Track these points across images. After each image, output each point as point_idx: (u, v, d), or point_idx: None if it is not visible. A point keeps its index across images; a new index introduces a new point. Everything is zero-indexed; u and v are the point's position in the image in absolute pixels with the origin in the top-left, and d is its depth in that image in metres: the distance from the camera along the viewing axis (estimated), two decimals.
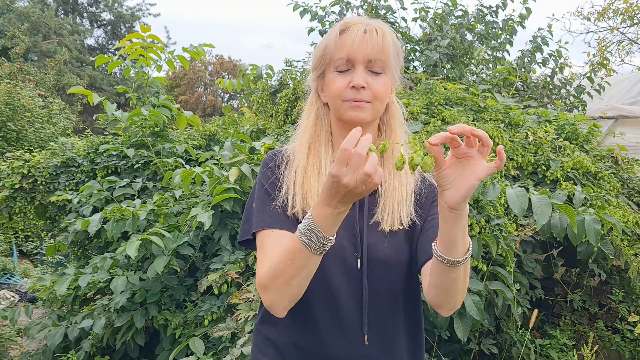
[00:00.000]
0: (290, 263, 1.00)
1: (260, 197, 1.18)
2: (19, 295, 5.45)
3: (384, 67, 1.12)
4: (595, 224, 2.19)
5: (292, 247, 0.99)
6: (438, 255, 0.98)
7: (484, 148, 0.87)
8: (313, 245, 0.96)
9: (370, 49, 1.10)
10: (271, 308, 1.07)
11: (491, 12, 4.75)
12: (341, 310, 1.13)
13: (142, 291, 2.68)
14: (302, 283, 1.03)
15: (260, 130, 4.26)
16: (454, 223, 0.93)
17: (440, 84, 3.46)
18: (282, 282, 1.02)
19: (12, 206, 3.89)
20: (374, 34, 1.10)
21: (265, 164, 1.22)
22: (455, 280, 1.01)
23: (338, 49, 1.12)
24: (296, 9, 4.80)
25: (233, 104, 24.74)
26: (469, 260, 1.00)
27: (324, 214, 0.94)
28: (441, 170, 0.89)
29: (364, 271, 1.13)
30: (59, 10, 20.54)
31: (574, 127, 3.37)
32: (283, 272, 1.01)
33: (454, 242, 0.96)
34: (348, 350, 1.13)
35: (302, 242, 0.96)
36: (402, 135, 1.22)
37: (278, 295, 1.04)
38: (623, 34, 13.03)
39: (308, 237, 0.96)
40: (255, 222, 1.15)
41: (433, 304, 1.09)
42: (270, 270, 1.04)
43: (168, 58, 3.99)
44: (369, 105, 1.11)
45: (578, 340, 2.93)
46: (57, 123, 9.36)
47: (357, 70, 1.11)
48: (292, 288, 1.03)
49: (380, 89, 1.12)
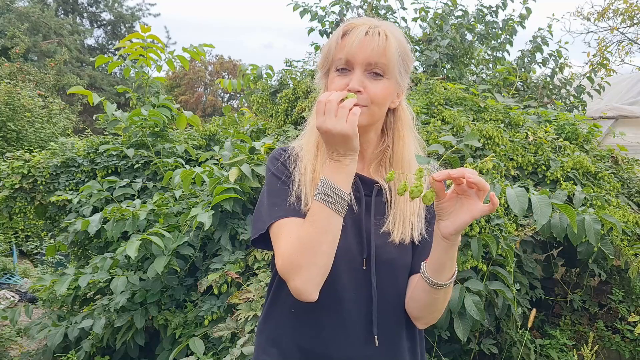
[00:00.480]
0: (314, 229, 1.02)
1: (274, 191, 1.16)
2: (19, 295, 5.45)
3: (385, 70, 1.10)
4: (595, 224, 2.19)
5: (312, 210, 1.04)
6: (424, 275, 1.06)
7: (480, 192, 0.94)
8: (330, 199, 1.01)
9: (370, 51, 1.08)
10: (303, 290, 1.03)
11: (491, 12, 4.75)
12: (346, 311, 1.12)
13: (142, 291, 2.68)
14: (329, 250, 1.03)
15: (260, 130, 4.26)
16: (444, 251, 1.01)
17: (440, 84, 3.46)
18: (310, 251, 1.02)
19: (12, 206, 3.89)
20: (376, 37, 1.09)
21: (274, 159, 1.21)
22: (436, 300, 1.09)
23: (339, 50, 1.12)
24: (296, 9, 4.80)
25: (233, 104, 24.75)
26: (452, 284, 1.08)
27: (332, 168, 1.03)
28: (441, 202, 0.97)
29: (372, 272, 1.12)
30: (59, 10, 20.54)
31: (574, 127, 3.37)
32: (309, 241, 1.02)
33: (442, 267, 1.03)
34: (351, 351, 1.13)
35: (320, 200, 1.02)
36: (413, 141, 1.22)
37: (308, 270, 1.02)
38: (623, 34, 13.03)
39: (324, 192, 1.02)
40: (270, 216, 1.13)
41: (411, 315, 1.16)
42: (294, 246, 1.04)
43: (168, 58, 3.99)
44: (365, 109, 1.09)
45: (578, 340, 2.93)
46: (57, 123, 9.36)
47: (354, 73, 1.10)
48: (320, 257, 1.02)
49: (378, 92, 1.10)
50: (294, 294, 1.04)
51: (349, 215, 1.12)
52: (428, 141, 2.59)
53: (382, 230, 1.14)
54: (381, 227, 1.14)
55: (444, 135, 2.62)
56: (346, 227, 1.10)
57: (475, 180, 0.92)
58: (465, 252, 2.22)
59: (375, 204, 1.17)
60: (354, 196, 1.14)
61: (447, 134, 2.72)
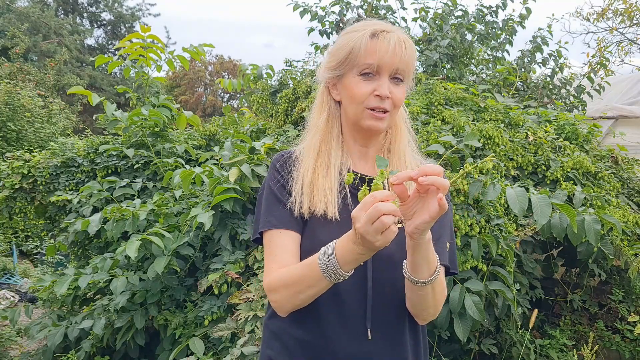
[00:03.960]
0: (303, 279, 1.07)
1: (267, 198, 1.22)
2: (19, 295, 5.45)
3: (404, 76, 1.16)
4: (595, 224, 2.19)
5: (309, 264, 1.06)
6: (405, 272, 1.08)
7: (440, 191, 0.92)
8: (327, 272, 1.01)
9: (399, 59, 1.12)
10: (276, 308, 1.15)
11: (491, 12, 4.75)
12: (345, 305, 1.14)
13: (142, 291, 2.68)
14: (308, 299, 1.10)
15: (260, 130, 4.26)
16: (413, 250, 1.02)
17: (440, 84, 3.46)
18: (292, 292, 1.09)
19: (12, 206, 3.89)
20: (403, 45, 1.13)
21: (272, 164, 1.26)
22: (423, 297, 1.10)
23: (369, 54, 1.12)
24: (296, 9, 4.80)
25: (233, 104, 24.74)
26: (436, 281, 1.07)
27: (347, 247, 0.98)
28: (405, 202, 0.97)
29: (368, 266, 1.14)
30: (59, 10, 20.54)
31: (574, 127, 3.37)
32: (294, 284, 1.08)
33: (417, 265, 1.04)
34: (351, 346, 1.14)
35: (319, 265, 1.02)
36: (406, 135, 1.26)
37: (284, 301, 1.12)
38: (622, 34, 13.03)
39: (325, 263, 1.01)
40: (262, 223, 1.20)
41: (410, 312, 1.18)
42: (282, 278, 1.11)
43: (168, 58, 3.99)
44: (388, 115, 1.16)
45: (578, 340, 2.93)
46: (57, 123, 9.35)
47: (382, 79, 1.13)
48: (298, 300, 1.10)
49: (401, 97, 1.16)
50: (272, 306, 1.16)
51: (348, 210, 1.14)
52: (428, 141, 2.59)
53: None
54: None
55: (443, 135, 2.62)
56: (345, 222, 1.12)
57: (430, 180, 0.90)
58: (465, 252, 2.22)
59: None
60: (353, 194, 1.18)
61: (447, 134, 2.72)
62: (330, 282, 1.04)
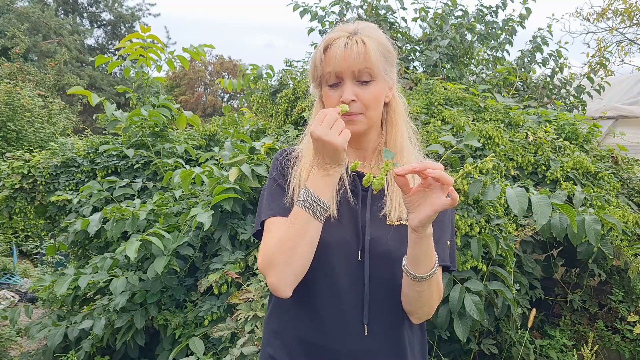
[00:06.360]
0: (292, 229, 1.08)
1: (270, 189, 1.24)
2: (19, 295, 5.45)
3: (372, 74, 1.16)
4: (595, 224, 2.19)
5: (293, 214, 1.10)
6: (404, 267, 1.10)
7: (444, 186, 0.96)
8: (309, 206, 1.07)
9: (353, 60, 1.13)
10: (277, 287, 1.09)
11: (491, 12, 4.75)
12: (343, 303, 1.15)
13: (142, 291, 2.68)
14: (305, 252, 1.08)
15: (260, 130, 4.26)
16: (415, 243, 1.04)
17: (440, 84, 3.46)
18: (287, 252, 1.08)
19: (12, 206, 3.89)
20: (354, 46, 1.13)
21: (275, 158, 1.29)
22: (420, 294, 1.11)
23: (325, 65, 1.17)
24: (296, 9, 4.80)
25: (233, 104, 24.74)
26: (434, 277, 1.09)
27: (315, 177, 1.09)
28: (408, 195, 1.00)
29: (365, 263, 1.15)
30: (59, 10, 20.54)
31: (574, 127, 3.37)
32: (286, 240, 1.08)
33: (417, 259, 1.06)
34: (350, 343, 1.14)
35: (300, 206, 1.08)
36: (404, 129, 1.26)
37: (282, 268, 1.08)
38: (622, 34, 13.03)
39: (305, 199, 1.08)
40: (264, 212, 1.21)
41: (405, 309, 1.18)
42: (275, 243, 1.11)
43: (168, 58, 3.99)
44: (362, 116, 1.17)
45: (578, 340, 2.93)
46: (57, 123, 9.35)
47: (345, 84, 1.15)
48: (295, 258, 1.08)
49: (370, 97, 1.16)
50: (271, 290, 1.11)
51: (347, 208, 1.18)
52: (428, 141, 2.59)
53: (380, 214, 1.18)
54: (379, 213, 1.19)
55: (443, 135, 2.62)
56: (343, 219, 1.16)
57: (436, 174, 0.94)
58: (465, 252, 2.22)
59: (371, 198, 1.20)
60: (352, 192, 1.20)
61: (447, 134, 2.72)
62: (319, 222, 1.08)
